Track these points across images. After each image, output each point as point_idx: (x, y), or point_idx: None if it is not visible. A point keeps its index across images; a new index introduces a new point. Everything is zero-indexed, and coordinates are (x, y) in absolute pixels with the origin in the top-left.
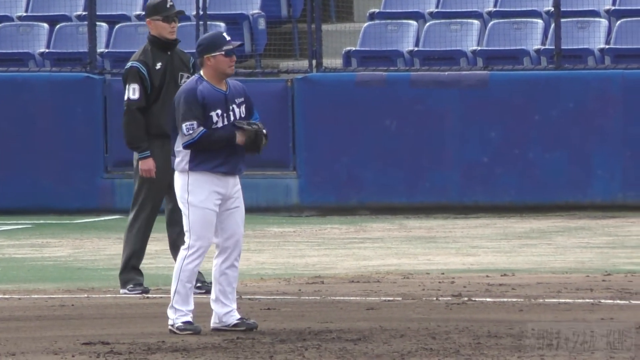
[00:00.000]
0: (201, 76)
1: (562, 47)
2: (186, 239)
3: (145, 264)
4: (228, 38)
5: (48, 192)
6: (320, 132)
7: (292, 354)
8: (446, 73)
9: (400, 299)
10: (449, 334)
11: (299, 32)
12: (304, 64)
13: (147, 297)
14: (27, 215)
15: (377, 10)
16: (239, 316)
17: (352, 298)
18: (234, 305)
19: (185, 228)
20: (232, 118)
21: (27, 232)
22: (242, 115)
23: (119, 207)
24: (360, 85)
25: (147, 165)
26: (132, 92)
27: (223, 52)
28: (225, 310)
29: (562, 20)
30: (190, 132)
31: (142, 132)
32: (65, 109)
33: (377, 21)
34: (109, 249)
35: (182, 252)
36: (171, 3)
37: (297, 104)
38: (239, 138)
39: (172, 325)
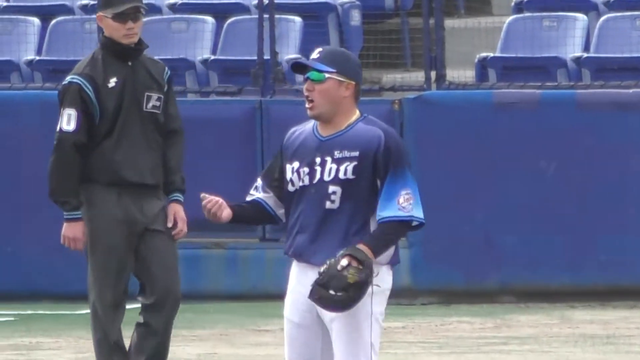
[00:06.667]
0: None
1: None
2: None
3: None
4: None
5: None
6: (443, 177)
7: None
8: (630, 90)
9: None
10: None
11: (411, 30)
12: (417, 76)
13: None
14: None
15: None
16: None
17: None
18: None
19: None
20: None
21: None
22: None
23: None
24: (502, 108)
25: (72, 231)
26: (67, 120)
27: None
28: None
29: None
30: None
31: (73, 181)
32: None
33: (526, 14)
34: None
35: None
36: None
37: (407, 134)
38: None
39: None
